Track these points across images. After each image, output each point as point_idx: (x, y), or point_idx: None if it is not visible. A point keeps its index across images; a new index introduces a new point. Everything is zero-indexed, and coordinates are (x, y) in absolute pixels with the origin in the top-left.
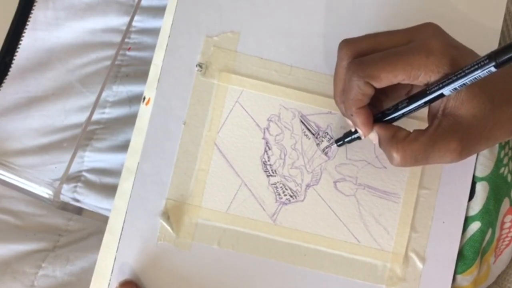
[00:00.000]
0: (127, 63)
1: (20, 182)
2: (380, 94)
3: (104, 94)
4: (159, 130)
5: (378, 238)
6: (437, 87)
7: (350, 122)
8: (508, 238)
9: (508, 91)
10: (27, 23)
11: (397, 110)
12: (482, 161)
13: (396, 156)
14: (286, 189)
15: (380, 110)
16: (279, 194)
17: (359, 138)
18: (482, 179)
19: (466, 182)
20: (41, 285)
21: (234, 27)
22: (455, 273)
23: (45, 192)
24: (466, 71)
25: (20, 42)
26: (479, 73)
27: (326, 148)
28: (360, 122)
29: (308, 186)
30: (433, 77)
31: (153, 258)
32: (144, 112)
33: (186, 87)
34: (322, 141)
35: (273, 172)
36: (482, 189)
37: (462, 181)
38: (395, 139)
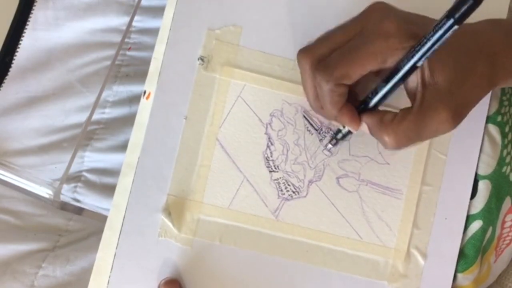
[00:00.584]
0: (127, 63)
1: (20, 182)
2: (354, 87)
3: (104, 94)
4: (160, 125)
5: (381, 235)
6: (408, 60)
7: (337, 123)
8: (509, 237)
9: (477, 47)
10: (27, 23)
11: (376, 93)
12: (484, 160)
13: (388, 139)
14: (288, 185)
15: (359, 98)
16: (281, 190)
17: (350, 132)
18: (484, 177)
19: (469, 179)
20: (41, 285)
21: (237, 21)
22: (456, 271)
23: (45, 192)
24: (430, 37)
25: (20, 42)
26: (444, 34)
27: (326, 146)
28: (347, 120)
29: (310, 182)
30: (400, 55)
31: (154, 254)
32: (145, 106)
33: (188, 81)
34: (325, 136)
35: (275, 168)
36: (484, 187)
37: (464, 178)
38: (384, 123)
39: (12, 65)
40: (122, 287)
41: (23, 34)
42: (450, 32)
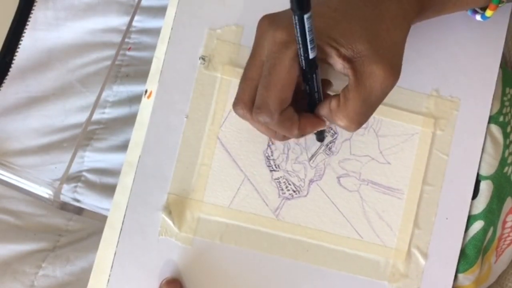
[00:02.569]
0: (127, 63)
1: (20, 182)
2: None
3: (104, 94)
4: (161, 124)
5: (381, 234)
6: (301, 59)
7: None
8: (510, 238)
9: (370, 1)
10: (27, 23)
11: (307, 93)
12: (487, 160)
13: (342, 124)
14: (289, 184)
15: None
16: (282, 189)
17: (324, 130)
18: (486, 178)
19: (470, 179)
20: (41, 285)
21: (238, 20)
22: (457, 272)
23: (45, 192)
24: (296, 33)
25: (20, 42)
26: (303, 26)
27: (330, 143)
28: (312, 129)
29: (311, 181)
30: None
31: (154, 253)
32: (146, 105)
33: (189, 80)
34: (326, 136)
35: (276, 167)
36: (486, 188)
37: (466, 178)
38: (333, 111)
39: (12, 65)
40: (122, 286)
41: (23, 34)
42: (307, 21)
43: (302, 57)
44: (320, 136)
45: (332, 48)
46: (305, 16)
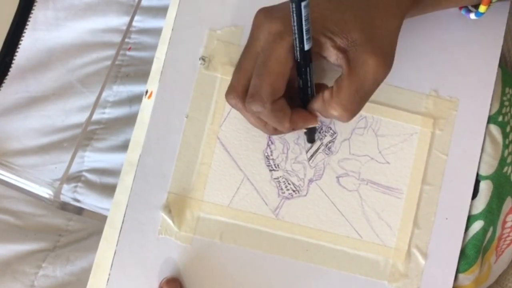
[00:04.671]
0: (127, 63)
1: (20, 182)
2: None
3: (104, 94)
4: (161, 123)
5: (381, 234)
6: (296, 50)
7: (296, 132)
8: (510, 238)
9: None
10: (27, 23)
11: (300, 88)
12: (486, 160)
13: (336, 113)
14: (288, 183)
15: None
16: (281, 189)
17: (316, 127)
18: (486, 177)
19: (470, 179)
20: (41, 285)
21: (238, 21)
22: (457, 271)
23: (45, 192)
24: (293, 22)
25: (20, 42)
26: (299, 14)
27: (329, 143)
28: (303, 124)
29: (310, 181)
30: (291, 45)
31: (153, 252)
32: (146, 105)
33: (189, 80)
34: (325, 135)
35: (275, 167)
36: (486, 188)
37: (465, 178)
38: (326, 102)
39: (12, 65)
40: (122, 284)
41: (23, 34)
42: (304, 9)
43: (298, 48)
44: (311, 137)
45: (326, 38)
46: (303, 4)
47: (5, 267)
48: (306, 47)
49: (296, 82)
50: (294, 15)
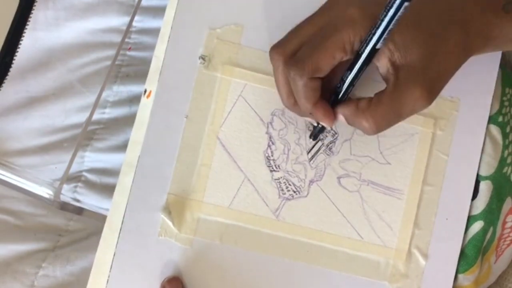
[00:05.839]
0: (128, 63)
1: (20, 182)
2: (328, 83)
3: (104, 94)
4: (160, 124)
5: (381, 235)
6: (366, 44)
7: (310, 119)
8: (510, 238)
9: (446, 17)
10: (27, 23)
11: (344, 82)
12: (486, 160)
13: (367, 125)
14: (289, 184)
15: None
16: (282, 190)
17: (325, 128)
18: (486, 178)
19: (470, 179)
20: (41, 285)
21: (238, 20)
22: (457, 272)
23: (45, 192)
24: (383, 18)
25: (20, 42)
26: (396, 12)
27: (330, 143)
28: (321, 115)
29: (311, 181)
30: (362, 39)
31: (153, 253)
32: (145, 105)
33: (189, 80)
34: (326, 136)
35: (276, 167)
36: (486, 188)
37: (466, 179)
38: (360, 110)
39: (12, 65)
40: (122, 286)
41: (23, 34)
42: (402, 10)
43: (367, 44)
44: (316, 135)
45: (387, 48)
46: (406, 4)
47: (5, 267)
48: (379, 46)
49: (335, 79)
50: (390, 11)
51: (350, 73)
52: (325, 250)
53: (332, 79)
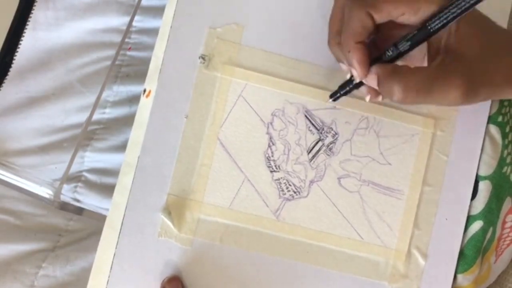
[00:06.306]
0: (127, 63)
1: (20, 182)
2: (374, 51)
3: (104, 94)
4: (160, 124)
5: (381, 235)
6: (439, 19)
7: (344, 67)
8: (510, 238)
9: (502, 42)
10: (27, 23)
11: (397, 49)
12: (485, 160)
13: (397, 88)
14: (289, 185)
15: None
16: (282, 190)
17: (355, 87)
18: (485, 178)
19: (470, 179)
20: (41, 285)
21: (238, 19)
22: (456, 272)
23: (45, 192)
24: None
25: (20, 42)
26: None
27: (331, 143)
28: (358, 59)
29: (311, 182)
30: (433, 10)
31: (153, 254)
32: (145, 104)
33: (188, 79)
34: (327, 136)
35: (276, 168)
36: (485, 188)
37: (465, 179)
38: (396, 73)
39: (12, 65)
40: (122, 286)
41: (23, 34)
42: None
43: (439, 20)
44: (336, 96)
45: (449, 30)
46: None
47: (5, 267)
48: (448, 25)
49: (381, 45)
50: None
51: (408, 41)
52: (325, 250)
53: (381, 41)
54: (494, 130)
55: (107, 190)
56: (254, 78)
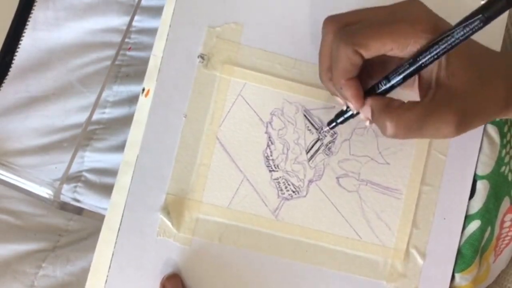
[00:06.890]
0: (127, 63)
1: (20, 182)
2: (366, 77)
3: (104, 94)
4: (159, 123)
5: (380, 234)
6: (429, 52)
7: (340, 101)
8: (508, 237)
9: (495, 67)
10: (27, 23)
11: (388, 81)
12: (483, 160)
13: (389, 124)
14: (288, 184)
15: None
16: (281, 190)
17: (351, 116)
18: (483, 177)
19: (468, 179)
20: (41, 285)
21: (238, 18)
22: (455, 272)
23: (45, 192)
24: (456, 32)
25: (20, 42)
26: (469, 32)
27: (330, 143)
28: (351, 95)
29: (310, 181)
30: (421, 44)
31: (152, 253)
32: (143, 104)
33: (187, 79)
34: (326, 136)
35: (275, 167)
36: (482, 187)
37: (463, 178)
38: (389, 108)
39: (12, 65)
40: (120, 286)
41: (23, 34)
42: (474, 31)
43: (430, 55)
44: (333, 124)
45: (438, 63)
46: (479, 26)
47: (5, 267)
48: (438, 58)
49: (370, 81)
50: (464, 28)
51: (399, 75)
52: (323, 250)
53: (367, 80)
54: (492, 129)
55: (107, 190)
56: (253, 77)
